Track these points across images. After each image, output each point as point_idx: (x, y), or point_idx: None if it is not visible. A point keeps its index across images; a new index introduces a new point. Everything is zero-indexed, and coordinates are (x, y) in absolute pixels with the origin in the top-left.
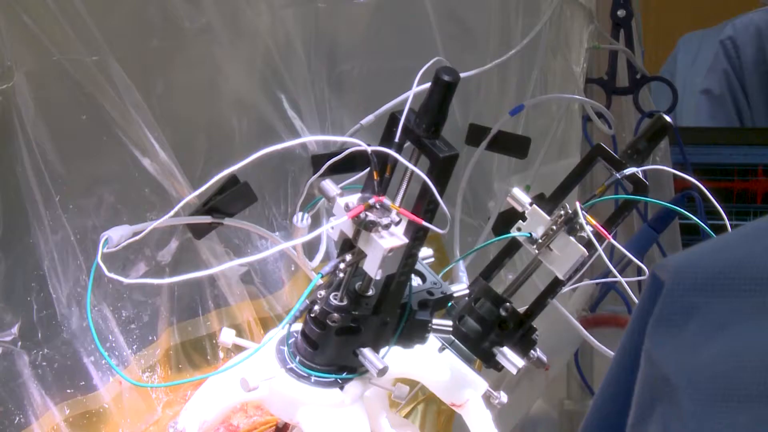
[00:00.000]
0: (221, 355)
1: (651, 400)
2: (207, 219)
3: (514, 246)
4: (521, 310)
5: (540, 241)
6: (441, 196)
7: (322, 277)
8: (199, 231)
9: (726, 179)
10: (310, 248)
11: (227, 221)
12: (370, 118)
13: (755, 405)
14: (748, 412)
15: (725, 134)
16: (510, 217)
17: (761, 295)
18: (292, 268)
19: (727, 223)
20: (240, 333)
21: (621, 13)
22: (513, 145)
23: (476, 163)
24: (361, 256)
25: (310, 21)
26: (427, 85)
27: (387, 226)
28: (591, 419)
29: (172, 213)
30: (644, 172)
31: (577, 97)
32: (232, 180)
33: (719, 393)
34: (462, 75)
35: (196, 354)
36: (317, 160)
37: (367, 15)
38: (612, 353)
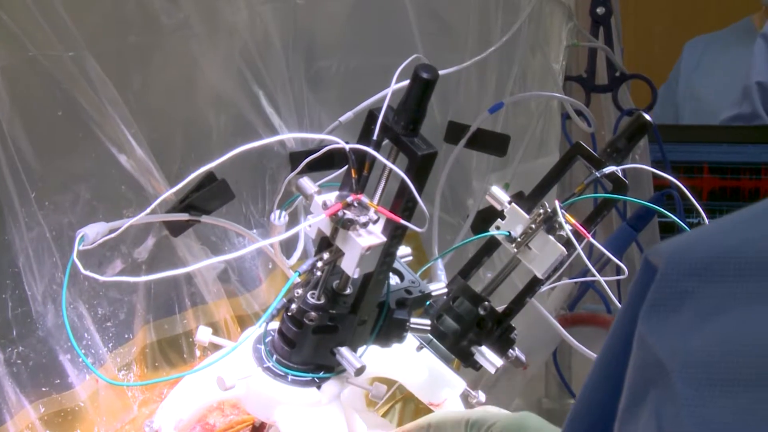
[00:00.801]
0: (198, 353)
1: (644, 385)
2: (184, 216)
3: (492, 244)
4: (500, 308)
5: (519, 239)
6: (420, 194)
7: (300, 275)
8: (176, 228)
9: (705, 176)
10: (288, 246)
11: (204, 219)
12: (348, 115)
13: (748, 388)
14: (740, 396)
15: (704, 132)
16: (489, 215)
17: (755, 280)
18: (270, 266)
19: (705, 220)
20: (217, 331)
21: (600, 10)
22: (492, 143)
23: (455, 161)
24: (338, 254)
25: (288, 17)
26: (406, 82)
27: (365, 225)
28: (579, 407)
29: (148, 210)
30: (624, 170)
31: (556, 94)
32: (210, 177)
33: (713, 377)
34: (441, 72)
35: (173, 352)
36: (295, 158)
37: (346, 12)
38: (590, 352)
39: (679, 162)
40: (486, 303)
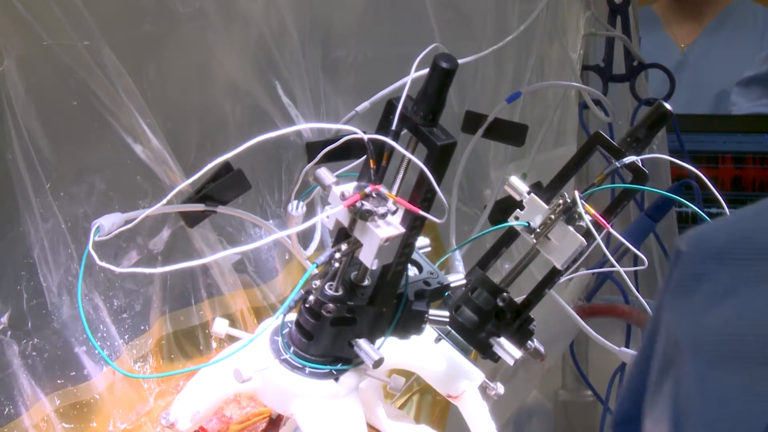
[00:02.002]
0: (214, 345)
1: (666, 363)
2: (200, 207)
3: (511, 235)
4: (519, 300)
5: (538, 230)
6: (438, 185)
7: (317, 266)
8: (191, 219)
9: (721, 166)
10: (305, 237)
11: (220, 209)
12: (365, 104)
13: (757, 366)
14: (749, 373)
15: (720, 122)
16: (507, 205)
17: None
18: (286, 257)
19: (726, 210)
20: (233, 322)
21: None
22: (510, 133)
23: (472, 151)
24: (356, 245)
25: (304, 6)
26: (425, 71)
27: (383, 216)
28: (623, 390)
29: (164, 201)
30: (643, 160)
31: (574, 84)
32: (226, 167)
33: (723, 355)
34: (461, 62)
35: (189, 344)
36: (312, 148)
37: (363, 1)
38: (608, 343)
39: (697, 152)
40: (505, 294)
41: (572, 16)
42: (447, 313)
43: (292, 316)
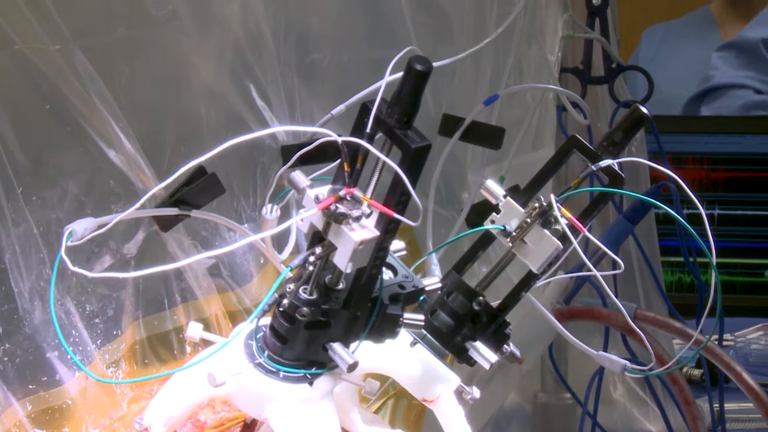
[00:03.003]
0: (188, 349)
1: None
2: (173, 211)
3: (487, 239)
4: (495, 304)
5: (514, 234)
6: (413, 188)
7: (291, 270)
8: (165, 223)
9: (703, 168)
10: (280, 241)
11: (194, 213)
12: (341, 108)
13: None
14: None
15: (700, 123)
16: (483, 209)
17: None
18: (261, 261)
19: (703, 212)
20: (208, 327)
21: (596, 1)
22: (487, 136)
23: (450, 154)
24: (331, 248)
25: (280, 9)
26: (400, 74)
27: (358, 219)
28: None
29: (137, 205)
30: (620, 163)
31: (552, 86)
32: (200, 171)
33: None
34: (435, 64)
35: (163, 348)
36: (287, 151)
37: (339, 3)
38: (586, 346)
39: (678, 153)
40: (480, 298)
41: (550, 19)
42: (422, 317)
43: (267, 320)
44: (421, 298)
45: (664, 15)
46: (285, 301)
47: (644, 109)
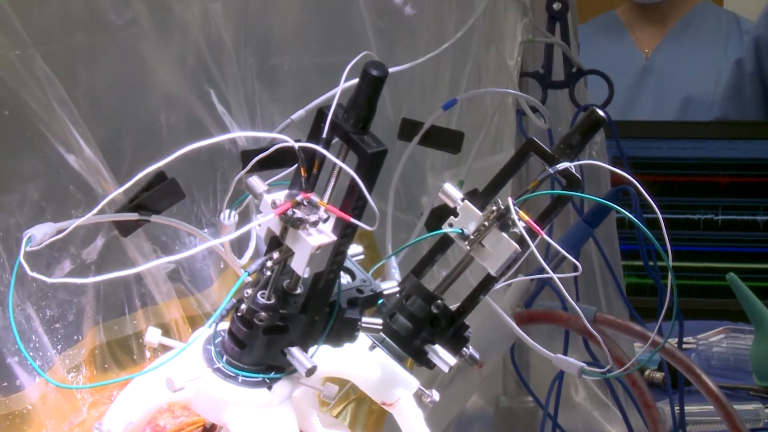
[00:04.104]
0: (148, 354)
1: None
2: (133, 216)
3: (446, 242)
4: (454, 307)
5: (472, 237)
6: (370, 193)
7: (249, 275)
8: (125, 228)
9: (666, 173)
10: (241, 246)
11: (154, 218)
12: (300, 113)
13: None
14: None
15: (663, 128)
16: (443, 212)
17: None
18: (221, 266)
19: (660, 217)
20: (168, 332)
21: (557, 6)
22: (446, 140)
23: (409, 159)
24: (288, 253)
25: (240, 15)
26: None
27: (315, 224)
28: None
29: (95, 210)
30: (577, 166)
31: (510, 91)
32: (160, 176)
33: None
34: (394, 69)
35: (123, 353)
36: (247, 156)
37: (299, 9)
38: (544, 349)
39: (639, 158)
40: (439, 301)
41: (509, 23)
42: (380, 321)
43: (226, 325)
44: (380, 301)
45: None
46: (243, 306)
47: (601, 112)
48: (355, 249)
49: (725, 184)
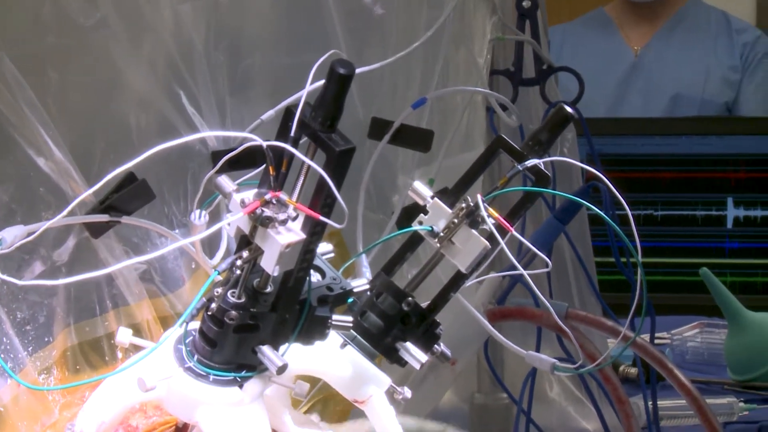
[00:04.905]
0: (120, 355)
1: None
2: (104, 218)
3: (416, 240)
4: (425, 304)
5: (441, 234)
6: (338, 191)
7: (219, 273)
8: (96, 230)
9: (637, 169)
10: (213, 246)
11: (125, 219)
12: (270, 113)
13: None
14: None
15: (634, 125)
16: (414, 211)
17: None
18: (193, 266)
19: (629, 213)
20: (140, 332)
21: (526, 3)
22: (416, 139)
23: (380, 158)
24: (258, 252)
25: (210, 15)
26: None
27: (284, 222)
28: None
29: (65, 212)
30: (548, 163)
31: (480, 89)
32: (130, 177)
33: None
34: (364, 69)
35: (94, 354)
36: (217, 156)
37: (269, 9)
38: (515, 346)
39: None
40: (410, 299)
41: (478, 22)
42: (350, 319)
43: (197, 325)
44: (351, 300)
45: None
46: (213, 305)
47: (569, 109)
48: (325, 247)
49: (702, 180)
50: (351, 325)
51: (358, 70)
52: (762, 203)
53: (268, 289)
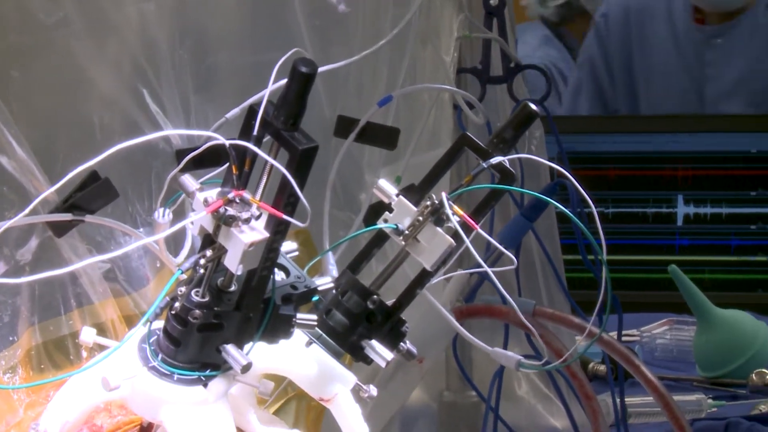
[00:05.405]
0: (84, 354)
1: None
2: (67, 216)
3: (382, 238)
4: (390, 302)
5: (406, 232)
6: (301, 189)
7: (183, 272)
8: (59, 229)
9: (606, 167)
10: (177, 244)
11: (88, 218)
12: (235, 111)
13: None
14: None
15: (603, 123)
16: (380, 208)
17: None
18: (158, 265)
19: (594, 211)
20: (104, 332)
21: (494, 1)
22: (382, 137)
23: (347, 156)
24: (222, 251)
25: (174, 14)
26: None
27: (247, 221)
28: None
29: (27, 211)
30: (513, 160)
31: (446, 87)
32: (93, 176)
33: None
34: (329, 67)
35: (59, 354)
36: (181, 155)
37: (233, 7)
38: (481, 343)
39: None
40: (375, 297)
41: (445, 20)
42: (315, 317)
43: (161, 324)
44: (316, 298)
45: None
46: (177, 304)
47: (533, 106)
48: (289, 246)
49: (652, 177)
50: (315, 323)
51: (322, 69)
52: (712, 201)
53: (232, 288)
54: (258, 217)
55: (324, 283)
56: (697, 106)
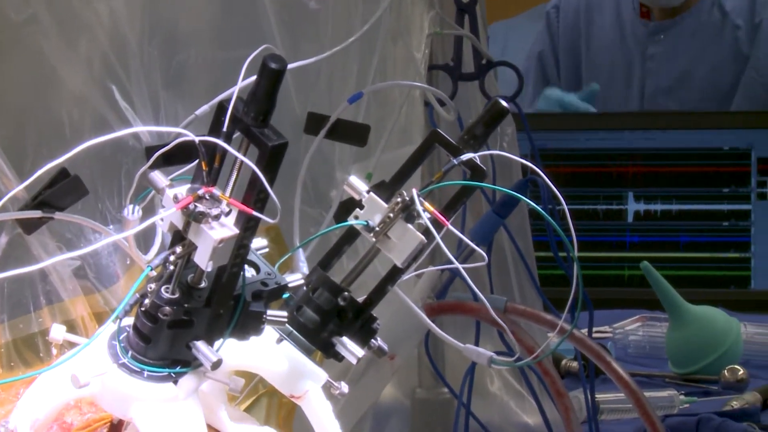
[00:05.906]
0: (54, 351)
1: None
2: (36, 214)
3: (353, 234)
4: (361, 299)
5: (377, 229)
6: (271, 186)
7: (153, 269)
8: (29, 226)
9: (581, 164)
10: (147, 241)
11: (58, 215)
12: (204, 108)
13: None
14: None
15: (576, 120)
16: (351, 205)
17: None
18: (128, 262)
19: (566, 208)
20: (74, 329)
21: None
22: (352, 133)
23: (317, 153)
24: (191, 247)
25: (144, 10)
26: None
27: (217, 217)
28: None
29: None
30: (487, 157)
31: (416, 84)
32: (62, 173)
33: None
34: (299, 63)
35: (29, 351)
36: (151, 152)
37: (204, 4)
38: (453, 340)
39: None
40: (346, 293)
41: (416, 16)
42: (285, 313)
43: (131, 320)
44: (287, 295)
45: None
46: (147, 301)
47: (504, 103)
48: (259, 242)
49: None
50: (286, 320)
51: (292, 65)
52: (662, 197)
53: (202, 285)
54: (228, 214)
55: (295, 279)
56: (637, 101)
